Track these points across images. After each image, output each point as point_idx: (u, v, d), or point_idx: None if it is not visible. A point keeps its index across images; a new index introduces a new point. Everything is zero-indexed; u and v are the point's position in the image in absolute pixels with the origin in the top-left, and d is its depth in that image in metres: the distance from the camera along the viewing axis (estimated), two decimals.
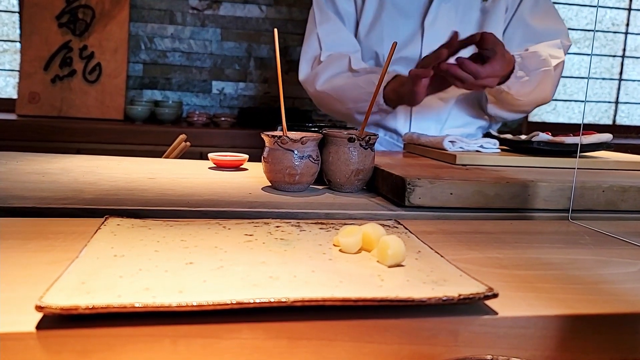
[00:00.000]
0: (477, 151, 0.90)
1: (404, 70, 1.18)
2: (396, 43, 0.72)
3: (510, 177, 0.72)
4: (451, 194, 0.67)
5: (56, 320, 0.30)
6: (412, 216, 0.65)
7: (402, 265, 0.39)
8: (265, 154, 0.74)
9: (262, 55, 2.53)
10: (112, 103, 2.25)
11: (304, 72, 1.25)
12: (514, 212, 0.68)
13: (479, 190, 0.67)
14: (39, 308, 0.29)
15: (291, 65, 2.50)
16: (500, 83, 1.02)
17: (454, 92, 1.17)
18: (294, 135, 0.73)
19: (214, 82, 2.53)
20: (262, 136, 0.74)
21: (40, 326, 0.30)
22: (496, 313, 0.35)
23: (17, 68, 2.26)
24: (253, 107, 2.53)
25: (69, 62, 2.24)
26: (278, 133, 0.74)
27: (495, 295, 0.34)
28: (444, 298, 0.33)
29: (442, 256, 0.42)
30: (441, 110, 1.22)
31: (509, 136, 0.98)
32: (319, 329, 0.32)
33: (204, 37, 2.49)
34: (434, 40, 1.13)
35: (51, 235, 0.47)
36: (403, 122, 1.22)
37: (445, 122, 1.23)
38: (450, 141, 0.91)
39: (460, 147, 0.90)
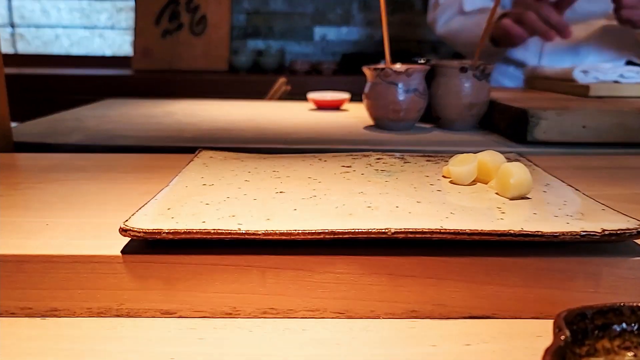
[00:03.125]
0: (616, 81, 0.77)
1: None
2: None
3: None
4: (584, 127, 0.57)
5: (141, 245, 0.29)
6: (537, 153, 0.57)
7: (528, 198, 0.32)
8: (366, 89, 0.69)
9: None
10: (217, 54, 2.29)
11: (429, 16, 1.25)
12: None
13: (619, 123, 0.57)
14: (122, 231, 0.27)
15: (396, 5, 2.37)
16: None
17: (597, 19, 1.01)
18: (399, 67, 0.67)
19: (316, 28, 2.48)
20: (364, 70, 0.69)
21: (126, 250, 0.28)
22: None
23: (132, 25, 2.38)
24: (356, 52, 2.45)
25: (177, 15, 2.31)
26: (380, 66, 0.68)
27: None
28: (582, 233, 0.27)
29: (577, 189, 0.35)
30: (581, 41, 1.03)
31: None
32: (426, 265, 0.27)
33: None
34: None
35: (149, 169, 0.46)
36: (533, 54, 1.08)
37: (586, 56, 1.04)
38: (582, 71, 0.78)
39: (595, 78, 0.78)
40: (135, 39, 2.30)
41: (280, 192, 0.34)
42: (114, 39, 2.52)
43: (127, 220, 0.28)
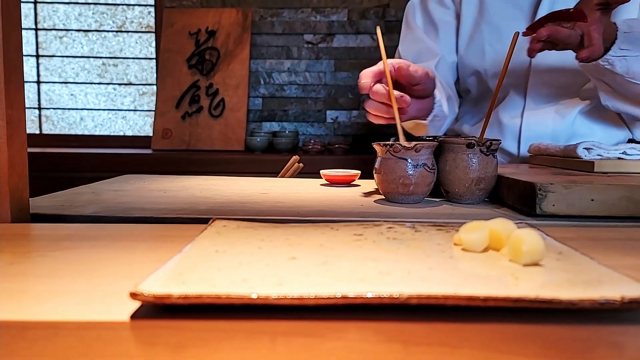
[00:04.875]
0: (619, 158, 0.78)
1: (508, 85, 1.06)
2: (518, 33, 0.65)
3: None
4: (592, 200, 0.57)
5: (151, 311, 0.28)
6: (546, 225, 0.57)
7: (541, 265, 0.32)
8: (377, 164, 0.70)
9: None
10: (234, 135, 2.37)
11: None
12: None
13: (627, 196, 0.57)
14: (133, 295, 0.27)
15: None
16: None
17: (574, 103, 1.03)
18: (407, 142, 0.68)
19: (328, 112, 2.57)
20: (374, 146, 0.70)
21: (135, 316, 0.28)
22: None
23: (153, 108, 2.49)
24: (366, 133, 2.52)
25: (197, 99, 2.41)
26: (390, 142, 0.70)
27: None
28: (602, 300, 0.26)
29: (591, 258, 0.34)
30: (557, 126, 1.02)
31: None
32: (441, 332, 0.27)
33: (318, 69, 2.55)
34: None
35: (162, 238, 0.47)
36: (510, 141, 1.06)
37: (568, 140, 1.02)
38: (585, 148, 0.79)
39: (598, 155, 0.79)
40: (156, 120, 2.40)
41: (293, 257, 0.34)
42: (136, 120, 2.63)
43: (137, 285, 0.28)
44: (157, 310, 0.28)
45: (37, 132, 2.59)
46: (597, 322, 0.27)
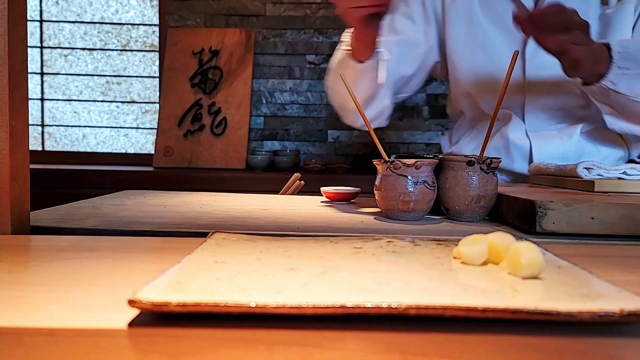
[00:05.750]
0: (620, 178, 0.78)
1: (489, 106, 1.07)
2: (518, 52, 0.65)
3: None
4: (592, 218, 0.57)
5: (148, 319, 0.28)
6: (546, 242, 0.57)
7: (539, 279, 0.32)
8: (377, 181, 0.70)
9: None
10: (236, 153, 2.38)
11: None
12: None
13: (628, 215, 0.57)
14: (131, 302, 0.27)
15: (405, 111, 2.48)
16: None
17: (575, 124, 1.04)
18: (408, 160, 0.69)
19: (329, 131, 2.58)
20: (374, 162, 0.71)
21: (132, 324, 0.28)
22: None
23: (156, 126, 2.50)
24: (367, 153, 2.53)
25: (199, 117, 2.43)
26: (390, 159, 0.70)
27: None
28: (601, 313, 0.26)
29: (590, 272, 0.34)
30: (566, 146, 1.04)
31: None
32: (439, 343, 0.27)
33: (320, 89, 2.57)
34: (538, 68, 1.01)
35: (161, 250, 0.47)
36: (520, 162, 1.07)
37: (574, 160, 1.01)
38: (585, 168, 0.80)
39: (599, 175, 0.79)
40: (158, 138, 2.41)
41: (291, 268, 0.34)
42: (138, 138, 2.64)
43: (135, 293, 0.28)
44: (154, 318, 0.28)
45: (40, 148, 2.60)
46: (595, 335, 0.27)
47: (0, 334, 0.27)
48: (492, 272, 0.33)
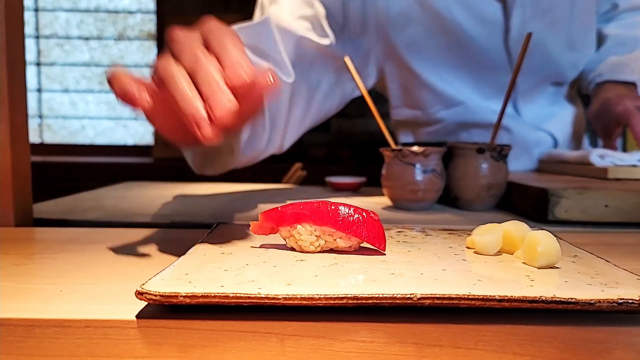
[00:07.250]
0: (634, 165, 0.77)
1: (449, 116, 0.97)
2: (531, 34, 0.63)
3: None
4: (606, 206, 0.56)
5: (157, 311, 0.28)
6: (558, 232, 0.56)
7: (557, 268, 0.31)
8: (384, 170, 0.69)
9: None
10: None
11: None
12: None
13: None
14: (139, 294, 0.27)
15: None
16: None
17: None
18: (416, 148, 0.68)
19: (332, 120, 2.57)
20: (381, 151, 0.70)
21: (141, 315, 0.27)
22: None
23: None
24: (371, 142, 2.52)
25: None
26: (398, 147, 0.69)
27: None
28: (620, 301, 0.25)
29: (607, 261, 0.33)
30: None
31: None
32: (454, 334, 0.26)
33: None
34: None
35: (166, 242, 0.46)
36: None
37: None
38: (598, 155, 0.78)
39: (612, 162, 0.78)
40: None
41: (301, 260, 0.33)
42: (137, 129, 2.63)
43: (143, 284, 0.28)
44: (163, 310, 0.28)
45: (38, 141, 2.59)
46: (614, 324, 0.26)
47: (11, 325, 0.27)
48: (507, 262, 0.33)
